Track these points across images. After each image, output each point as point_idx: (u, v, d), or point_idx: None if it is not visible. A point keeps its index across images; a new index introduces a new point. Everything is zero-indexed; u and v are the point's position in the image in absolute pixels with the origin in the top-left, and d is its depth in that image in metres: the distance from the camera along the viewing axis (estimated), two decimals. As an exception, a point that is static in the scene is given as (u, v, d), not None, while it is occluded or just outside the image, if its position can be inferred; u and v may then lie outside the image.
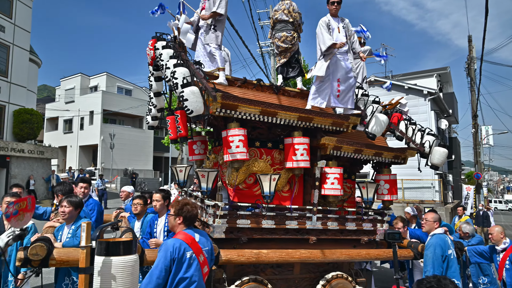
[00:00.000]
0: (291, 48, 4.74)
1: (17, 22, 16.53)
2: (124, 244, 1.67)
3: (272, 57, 16.61)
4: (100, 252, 1.64)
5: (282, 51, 4.79)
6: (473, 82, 16.61)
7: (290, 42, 4.69)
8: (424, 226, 4.18)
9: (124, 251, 1.66)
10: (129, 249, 1.69)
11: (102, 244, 1.66)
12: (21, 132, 15.83)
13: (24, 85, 16.93)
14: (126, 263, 1.65)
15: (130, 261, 1.67)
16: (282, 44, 4.70)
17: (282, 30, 4.71)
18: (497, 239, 4.33)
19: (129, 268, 1.66)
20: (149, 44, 4.17)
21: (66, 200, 3.40)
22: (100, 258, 1.63)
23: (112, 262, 1.62)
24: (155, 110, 4.73)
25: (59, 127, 30.10)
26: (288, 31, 4.69)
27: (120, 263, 1.63)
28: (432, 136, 4.90)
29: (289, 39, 4.67)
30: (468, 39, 16.32)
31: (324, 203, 4.30)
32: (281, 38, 4.69)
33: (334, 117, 4.16)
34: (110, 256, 1.64)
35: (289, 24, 4.71)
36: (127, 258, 1.67)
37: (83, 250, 1.67)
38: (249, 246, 3.79)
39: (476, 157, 16.26)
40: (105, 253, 1.64)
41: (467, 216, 10.21)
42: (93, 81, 31.15)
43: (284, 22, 4.71)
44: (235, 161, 3.62)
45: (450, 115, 20.15)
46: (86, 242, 1.68)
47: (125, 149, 27.32)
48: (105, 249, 1.64)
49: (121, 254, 1.65)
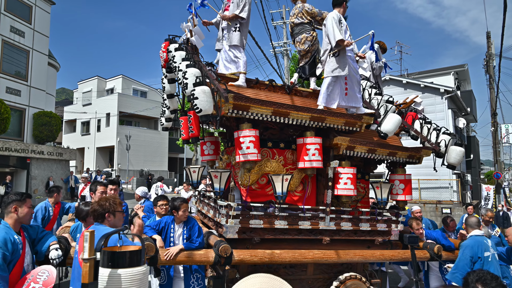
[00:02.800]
0: (312, 48, 4.74)
1: (36, 27, 17.03)
2: (131, 255, 1.50)
3: (286, 58, 16.58)
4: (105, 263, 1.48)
5: (303, 55, 4.79)
6: (491, 79, 16.17)
7: (310, 42, 4.68)
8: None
9: (131, 262, 1.49)
10: (137, 260, 1.50)
11: (107, 254, 1.48)
12: (41, 134, 16.29)
13: (43, 88, 17.42)
14: (134, 276, 1.47)
15: (139, 273, 1.49)
16: (304, 46, 4.70)
17: (301, 32, 4.72)
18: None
19: (138, 282, 1.48)
20: (162, 47, 4.24)
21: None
22: (106, 271, 1.47)
23: (120, 275, 1.45)
24: (168, 111, 4.80)
25: (77, 129, 30.83)
26: (307, 31, 4.69)
27: (128, 276, 1.45)
28: (448, 135, 4.80)
29: (309, 39, 4.67)
30: (486, 36, 15.90)
31: (338, 204, 4.27)
32: (302, 40, 4.69)
33: (347, 117, 4.12)
34: (116, 269, 1.47)
35: (306, 25, 4.71)
36: (135, 270, 1.49)
37: (86, 263, 1.47)
38: (261, 246, 3.79)
39: (496, 156, 15.80)
40: (110, 264, 1.48)
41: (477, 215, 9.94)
42: (109, 83, 31.79)
43: (301, 25, 4.72)
44: (246, 162, 3.64)
45: (468, 114, 19.65)
46: (90, 254, 1.49)
47: (141, 150, 27.76)
48: (111, 260, 1.48)
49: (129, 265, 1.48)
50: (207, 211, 4.50)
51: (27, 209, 2.79)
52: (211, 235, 3.83)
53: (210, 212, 4.33)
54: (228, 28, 4.32)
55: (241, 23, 4.30)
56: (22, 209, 2.76)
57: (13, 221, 2.73)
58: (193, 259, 3.37)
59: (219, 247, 3.40)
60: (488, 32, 15.88)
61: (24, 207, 2.77)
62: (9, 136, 15.07)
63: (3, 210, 2.80)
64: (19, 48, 16.09)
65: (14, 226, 2.74)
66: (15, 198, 2.75)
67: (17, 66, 16.12)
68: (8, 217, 2.74)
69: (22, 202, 2.76)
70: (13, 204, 2.74)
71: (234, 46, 4.29)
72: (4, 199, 2.88)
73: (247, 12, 4.26)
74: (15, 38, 15.84)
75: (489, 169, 44.02)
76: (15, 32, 15.84)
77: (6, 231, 2.65)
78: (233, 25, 4.25)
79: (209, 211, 4.40)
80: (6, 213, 2.76)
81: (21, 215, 2.76)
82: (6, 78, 15.43)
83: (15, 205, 2.74)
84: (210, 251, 3.48)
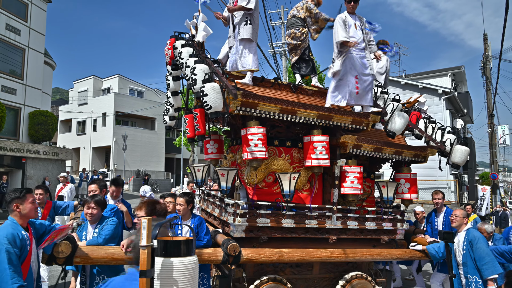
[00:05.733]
0: (301, 45, 4.67)
1: (32, 25, 16.84)
2: (184, 244, 1.50)
3: (284, 58, 16.57)
4: (160, 252, 1.49)
5: (292, 48, 4.73)
6: (488, 81, 16.28)
7: (299, 39, 4.61)
8: (454, 222, 4.13)
9: (185, 251, 1.49)
10: (189, 250, 1.50)
11: (161, 243, 1.49)
12: (37, 133, 16.10)
13: (39, 87, 17.23)
14: (187, 265, 1.48)
15: (191, 263, 1.49)
16: (292, 41, 4.65)
17: (291, 27, 4.67)
18: None
19: (190, 271, 1.48)
20: (168, 44, 4.19)
21: (93, 202, 3.36)
22: (160, 260, 1.47)
23: (173, 264, 1.45)
24: (172, 109, 4.74)
25: (73, 129, 30.56)
26: (297, 27, 4.62)
27: (181, 265, 1.46)
28: (453, 135, 4.80)
29: (297, 35, 4.59)
30: (483, 37, 16.01)
31: (344, 202, 4.25)
32: (291, 35, 4.64)
33: (354, 115, 4.10)
34: (170, 257, 1.47)
35: (298, 21, 4.64)
36: (188, 259, 1.49)
37: (144, 250, 1.46)
38: (268, 245, 3.76)
39: (492, 157, 15.92)
40: (164, 253, 1.48)
41: (475, 215, 10.01)
42: (105, 83, 31.56)
43: (295, 18, 4.66)
44: (253, 160, 3.60)
45: (465, 115, 19.80)
46: (147, 241, 1.47)
47: (137, 150, 27.59)
48: (164, 249, 1.48)
49: (182, 255, 1.48)
50: (212, 210, 4.45)
51: (29, 204, 2.75)
52: (218, 233, 3.78)
53: (215, 211, 4.28)
54: (240, 23, 4.20)
55: (250, 15, 4.12)
56: (23, 205, 2.72)
57: (18, 218, 2.71)
58: (201, 258, 3.32)
59: (227, 246, 3.36)
60: (485, 34, 16.00)
61: (26, 203, 2.73)
62: (4, 136, 14.87)
63: (7, 209, 2.76)
64: (14, 46, 15.89)
65: (21, 222, 2.71)
66: (14, 196, 2.72)
67: (13, 64, 15.92)
68: (13, 215, 2.71)
69: (22, 199, 2.73)
70: (14, 202, 2.71)
71: (245, 40, 4.08)
72: (5, 197, 2.84)
73: (254, 3, 4.06)
74: (10, 36, 15.64)
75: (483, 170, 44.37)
76: (10, 30, 15.64)
77: (13, 227, 2.63)
78: (243, 19, 4.14)
79: (214, 209, 4.36)
80: (10, 212, 2.74)
81: (24, 212, 2.73)
82: (2, 76, 15.22)
83: (16, 203, 2.71)
84: (219, 250, 3.43)
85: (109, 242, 3.23)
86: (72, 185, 9.93)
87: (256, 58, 4.11)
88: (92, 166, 26.47)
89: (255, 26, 4.14)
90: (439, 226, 4.89)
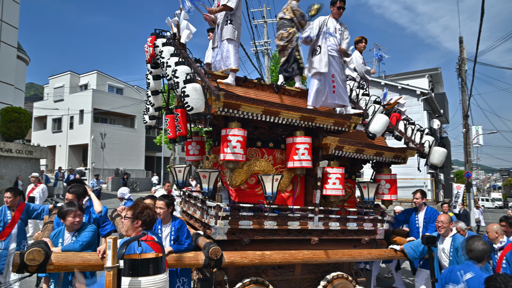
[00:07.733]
0: (288, 46, 4.65)
1: (4, 18, 16.11)
2: (153, 262, 1.42)
3: (266, 57, 16.55)
4: (127, 272, 1.40)
5: (280, 50, 4.71)
6: (463, 82, 16.80)
7: (286, 39, 4.58)
8: (441, 229, 4.11)
9: (154, 269, 1.41)
10: (158, 267, 1.42)
11: (128, 262, 1.40)
12: (9, 131, 15.42)
13: (12, 83, 16.53)
14: (156, 284, 1.40)
15: (161, 281, 1.42)
16: (280, 42, 4.62)
17: (279, 28, 4.64)
18: (492, 237, 4.31)
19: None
20: (148, 41, 4.06)
21: (79, 209, 3.24)
22: (127, 280, 1.39)
23: (141, 283, 1.38)
24: (152, 109, 4.61)
25: (48, 126, 29.52)
26: (284, 28, 4.60)
27: (151, 285, 1.39)
28: (432, 136, 4.91)
29: (285, 36, 4.56)
30: (459, 40, 16.50)
31: (325, 203, 4.26)
32: (279, 35, 4.62)
33: (336, 117, 4.12)
34: (138, 277, 1.39)
35: (286, 21, 4.62)
36: (157, 278, 1.41)
37: (109, 272, 1.37)
38: (250, 247, 3.73)
39: (467, 157, 16.47)
40: (131, 273, 1.39)
41: (451, 213, 10.34)
42: (83, 79, 30.63)
43: (283, 19, 4.64)
44: (230, 162, 3.56)
45: (442, 115, 20.40)
46: (113, 262, 1.38)
47: (116, 148, 26.94)
48: (132, 268, 1.40)
49: (150, 273, 1.40)
50: (193, 212, 4.37)
51: None
52: (199, 236, 3.72)
53: (197, 213, 4.21)
54: (222, 23, 4.15)
55: (232, 15, 4.10)
56: None
57: None
58: (182, 262, 3.25)
59: (209, 249, 3.30)
60: (461, 37, 16.50)
61: None
62: (-26, 133, 14.20)
63: None
64: (-15, 39, 15.19)
65: None
66: None
67: (-17, 58, 15.21)
68: None
69: None
70: None
71: (227, 40, 4.06)
72: None
73: (235, 2, 4.04)
74: (-20, 29, 14.94)
75: (458, 169, 45.96)
76: (-20, 23, 14.94)
77: None
78: (225, 18, 4.09)
79: (195, 212, 4.28)
80: None
81: None
82: (-29, 71, 14.52)
83: None
84: (200, 254, 3.37)
85: (86, 249, 3.10)
86: (44, 185, 9.40)
87: (237, 57, 4.07)
88: (68, 165, 25.67)
89: (237, 25, 4.12)
90: (419, 224, 4.99)
